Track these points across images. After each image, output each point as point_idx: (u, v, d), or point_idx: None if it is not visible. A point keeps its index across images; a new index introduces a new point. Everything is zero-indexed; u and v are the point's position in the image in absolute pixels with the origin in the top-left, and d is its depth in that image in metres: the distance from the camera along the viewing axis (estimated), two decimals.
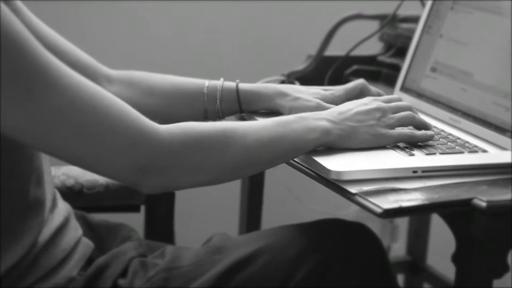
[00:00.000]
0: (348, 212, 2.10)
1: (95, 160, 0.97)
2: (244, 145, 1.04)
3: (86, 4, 2.06)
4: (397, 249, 2.20)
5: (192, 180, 1.03)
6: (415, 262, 2.06)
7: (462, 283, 1.06)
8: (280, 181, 1.71)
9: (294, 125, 1.09)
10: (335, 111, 1.14)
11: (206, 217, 2.25)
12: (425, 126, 1.19)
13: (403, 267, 2.07)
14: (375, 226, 1.26)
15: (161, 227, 1.50)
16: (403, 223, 2.18)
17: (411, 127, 1.19)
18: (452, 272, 1.09)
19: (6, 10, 0.89)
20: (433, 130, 1.21)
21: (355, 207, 2.12)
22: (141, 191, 1.01)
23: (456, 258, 1.07)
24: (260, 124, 1.08)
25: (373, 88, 1.30)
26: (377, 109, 1.15)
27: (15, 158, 1.02)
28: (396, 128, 1.16)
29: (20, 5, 1.13)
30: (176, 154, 1.00)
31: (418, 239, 2.06)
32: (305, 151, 1.11)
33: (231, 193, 1.78)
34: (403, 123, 1.17)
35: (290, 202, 1.97)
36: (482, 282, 1.05)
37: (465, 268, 1.06)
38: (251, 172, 1.15)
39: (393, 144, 1.15)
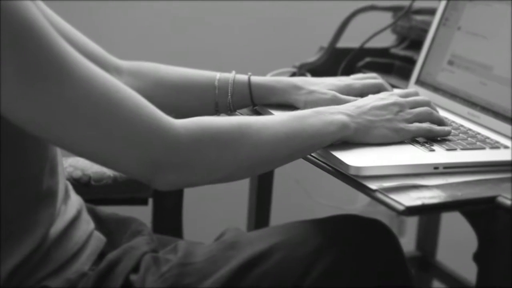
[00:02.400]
0: (355, 206, 2.08)
1: (108, 155, 0.94)
2: (260, 142, 1.02)
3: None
4: (404, 244, 2.18)
5: (207, 177, 1.01)
6: (425, 258, 2.04)
7: (484, 283, 1.04)
8: (288, 174, 1.69)
9: (310, 119, 1.06)
10: (352, 105, 1.13)
11: (215, 210, 2.23)
12: (443, 123, 1.18)
13: (413, 263, 2.04)
14: (382, 220, 1.26)
15: (169, 220, 1.48)
16: (410, 217, 2.16)
17: (428, 122, 1.17)
18: (463, 269, 1.07)
19: None
20: (451, 126, 1.19)
21: (362, 202, 2.10)
22: (154, 187, 0.99)
23: (478, 257, 1.04)
24: (276, 119, 1.05)
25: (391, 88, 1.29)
26: (394, 104, 1.14)
27: (30, 146, 1.00)
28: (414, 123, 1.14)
29: None
30: (191, 151, 0.97)
31: (428, 235, 2.03)
32: (322, 146, 1.08)
33: (240, 186, 1.75)
34: (421, 118, 1.15)
35: (298, 196, 1.95)
36: (505, 282, 1.03)
37: (488, 268, 1.03)
38: (267, 168, 1.13)
39: (411, 138, 1.14)
